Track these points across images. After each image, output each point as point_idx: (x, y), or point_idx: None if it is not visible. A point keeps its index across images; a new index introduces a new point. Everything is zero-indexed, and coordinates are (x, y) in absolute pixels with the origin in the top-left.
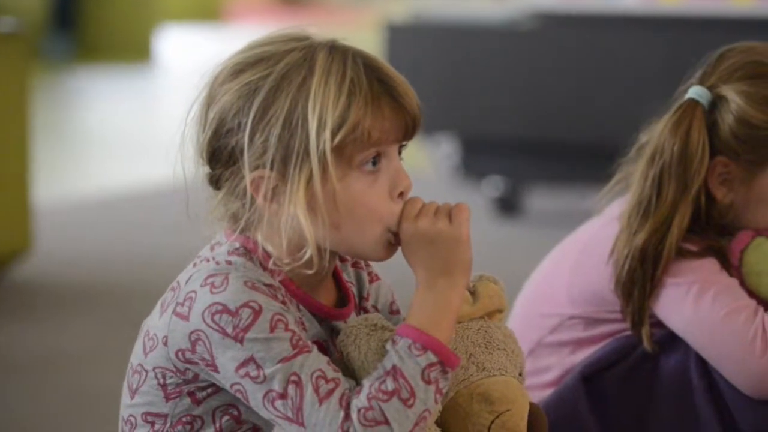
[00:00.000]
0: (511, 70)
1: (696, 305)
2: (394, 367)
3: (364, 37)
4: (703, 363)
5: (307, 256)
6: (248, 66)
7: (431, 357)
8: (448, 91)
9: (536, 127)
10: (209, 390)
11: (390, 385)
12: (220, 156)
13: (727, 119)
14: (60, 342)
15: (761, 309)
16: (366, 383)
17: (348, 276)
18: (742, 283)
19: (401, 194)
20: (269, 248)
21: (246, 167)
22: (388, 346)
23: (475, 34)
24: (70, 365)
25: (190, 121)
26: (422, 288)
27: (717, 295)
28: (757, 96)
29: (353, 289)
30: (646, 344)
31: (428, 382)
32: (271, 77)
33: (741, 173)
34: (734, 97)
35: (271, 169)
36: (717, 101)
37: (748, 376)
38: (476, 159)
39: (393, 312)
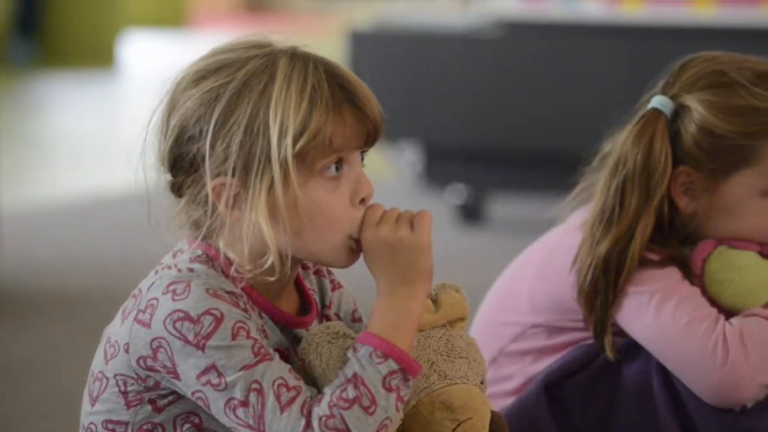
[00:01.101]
0: (474, 78)
1: (657, 314)
2: (355, 375)
3: (328, 44)
4: (664, 371)
5: (269, 263)
6: (209, 73)
7: (392, 365)
8: (411, 98)
9: (499, 135)
10: (170, 398)
11: (351, 392)
12: (182, 163)
13: (689, 128)
14: (24, 348)
15: (722, 318)
16: (327, 391)
17: (310, 283)
18: (704, 292)
19: (363, 201)
20: (231, 255)
21: (207, 174)
22: (350, 353)
23: (439, 42)
24: (34, 371)
25: (151, 129)
26: (383, 295)
27: (678, 304)
28: (720, 105)
29: (315, 297)
30: (609, 353)
31: (389, 390)
32: (233, 84)
33: (704, 182)
34: (697, 107)
35: (233, 176)
36: (680, 111)
37: (709, 385)
38: (439, 167)
39: (355, 320)
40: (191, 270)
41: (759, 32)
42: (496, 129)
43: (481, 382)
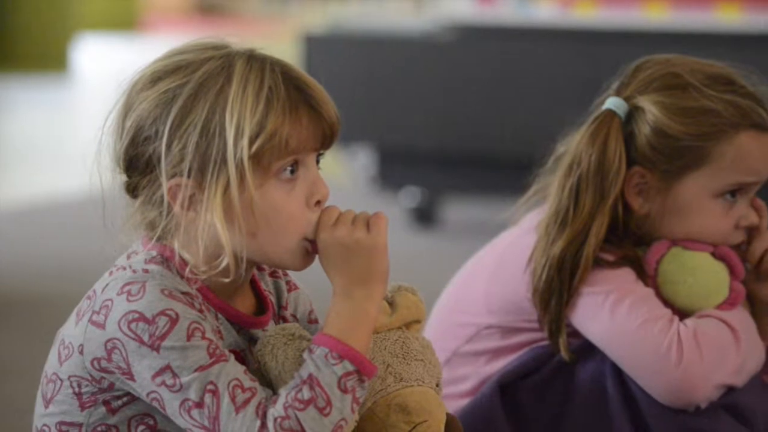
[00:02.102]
0: (428, 81)
1: (612, 315)
2: (310, 376)
3: (282, 47)
4: (618, 372)
5: (224, 264)
6: (166, 74)
7: (348, 366)
8: (365, 101)
9: (453, 138)
10: (125, 399)
11: (306, 394)
12: (138, 164)
13: (643, 130)
14: None
15: (676, 318)
16: (283, 392)
17: (266, 285)
18: (658, 293)
19: (318, 203)
20: (186, 256)
21: (163, 175)
22: (305, 355)
23: (393, 45)
24: None
25: (107, 130)
26: (339, 297)
27: (633, 304)
28: (673, 107)
29: (272, 298)
30: (563, 353)
31: (345, 391)
32: (189, 85)
33: (657, 183)
34: (651, 108)
35: (189, 177)
36: (634, 112)
37: (663, 385)
38: (393, 170)
39: (311, 321)
40: (146, 271)
41: (711, 36)
42: (450, 132)
43: (437, 385)
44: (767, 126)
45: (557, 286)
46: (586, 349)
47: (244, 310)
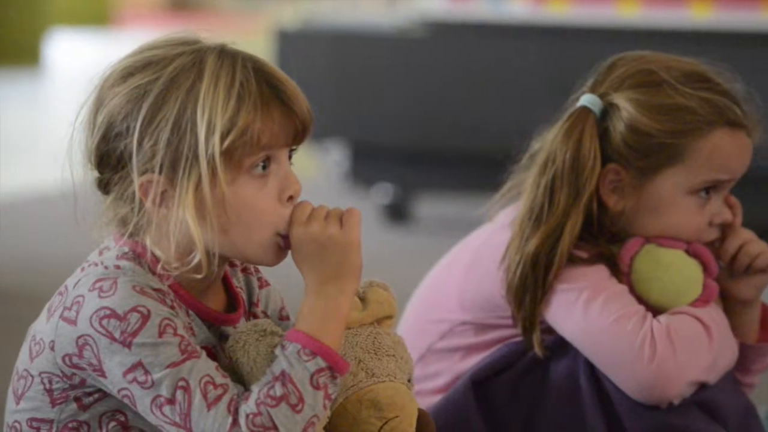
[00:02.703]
0: (401, 77)
1: (585, 311)
2: (282, 373)
3: (255, 42)
4: (591, 368)
5: (196, 260)
6: (137, 70)
7: (320, 362)
8: (338, 97)
9: (426, 135)
10: (96, 395)
11: (279, 390)
12: (109, 160)
13: (618, 127)
14: None
15: (650, 315)
16: (255, 389)
17: (238, 281)
18: (632, 290)
19: (291, 198)
20: (158, 252)
21: (135, 171)
22: (278, 351)
23: (366, 41)
24: None
25: (78, 126)
26: (312, 293)
27: (606, 301)
28: (648, 104)
29: (243, 295)
30: (537, 350)
31: (317, 388)
32: (160, 81)
33: (632, 180)
34: (625, 105)
35: (160, 173)
36: (608, 109)
37: (636, 382)
38: (366, 166)
39: (283, 318)
40: (118, 267)
41: (683, 33)
42: (422, 128)
43: (409, 380)
44: (742, 123)
45: (531, 282)
46: (560, 346)
47: (215, 307)
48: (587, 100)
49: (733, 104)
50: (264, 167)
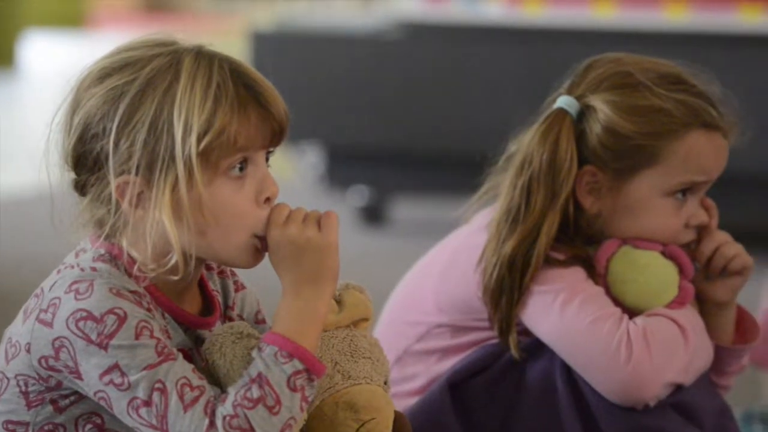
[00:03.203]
0: (376, 80)
1: (562, 313)
2: (259, 375)
3: (230, 44)
4: (568, 370)
5: (172, 262)
6: (114, 71)
7: (297, 365)
8: (313, 99)
9: (402, 137)
10: (72, 398)
11: (255, 392)
12: (86, 161)
13: (595, 129)
14: None
15: (626, 317)
16: (231, 391)
17: (214, 284)
18: (608, 292)
19: (268, 200)
20: (134, 254)
21: (111, 173)
22: (254, 353)
23: (341, 43)
24: None
25: (55, 127)
26: (289, 295)
27: (583, 303)
28: (625, 106)
29: (219, 298)
30: (514, 352)
31: (294, 390)
32: (137, 82)
33: (608, 182)
34: (602, 107)
35: (137, 174)
36: (585, 111)
37: (612, 384)
38: (341, 168)
39: (259, 321)
40: (94, 269)
41: (658, 35)
42: (398, 130)
43: (385, 383)
44: (718, 125)
45: (508, 284)
46: (537, 348)
47: (191, 310)
48: (564, 101)
49: (709, 106)
50: (241, 169)
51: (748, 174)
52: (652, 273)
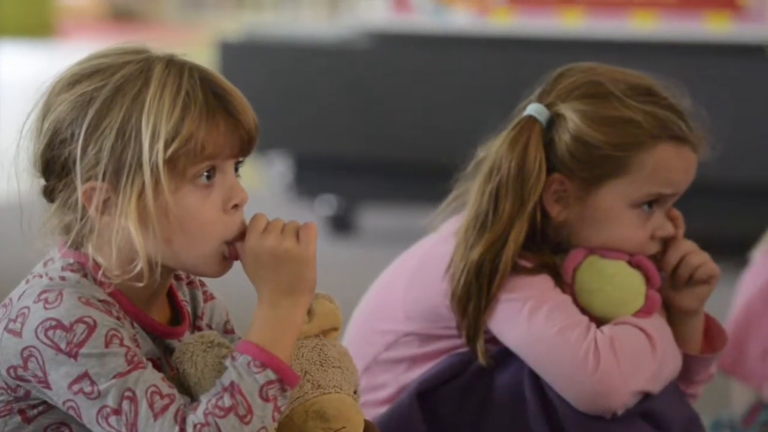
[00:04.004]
0: (344, 89)
1: (529, 321)
2: (232, 384)
3: (198, 54)
4: (536, 378)
5: (137, 269)
6: (84, 77)
7: (270, 374)
8: (281, 109)
9: (369, 146)
10: (40, 408)
11: (227, 401)
12: (54, 167)
13: (563, 137)
14: None
15: (593, 326)
16: (203, 399)
17: (183, 294)
18: (575, 301)
19: (236, 206)
20: (99, 259)
21: (78, 178)
22: (227, 362)
23: (309, 53)
24: None
25: (26, 133)
26: (265, 305)
27: (550, 311)
28: (594, 115)
29: (188, 308)
30: (481, 359)
31: (266, 400)
32: (107, 88)
33: (576, 191)
34: (571, 116)
35: (104, 180)
36: (555, 119)
37: (580, 393)
38: (309, 177)
39: (227, 331)
40: (63, 278)
41: (627, 43)
42: (366, 139)
43: (355, 392)
44: (686, 138)
45: (475, 291)
46: (505, 356)
47: (160, 319)
48: (534, 109)
49: (678, 119)
50: (209, 177)
51: (714, 181)
52: (618, 282)
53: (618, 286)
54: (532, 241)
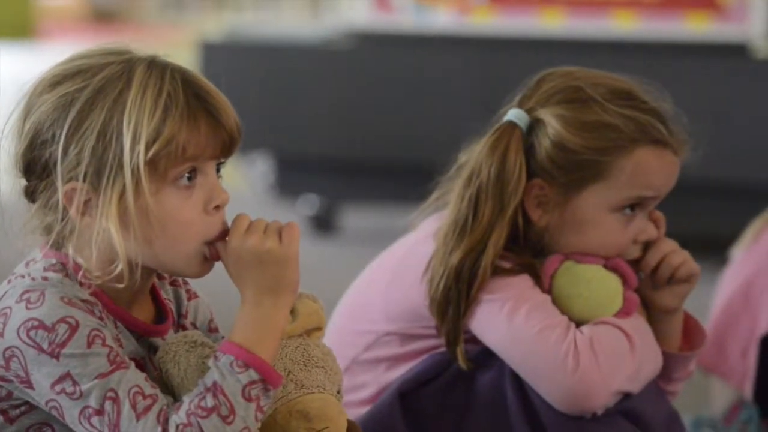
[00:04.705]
0: (326, 89)
1: (510, 322)
2: (214, 384)
3: (180, 54)
4: (517, 378)
5: (117, 270)
6: (66, 78)
7: (253, 374)
8: (263, 109)
9: (351, 146)
10: (23, 408)
11: (210, 401)
12: (35, 168)
13: (543, 142)
14: None
15: (573, 326)
16: (186, 399)
17: (166, 293)
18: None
19: (217, 207)
20: (79, 260)
21: (59, 179)
22: (210, 362)
23: (290, 53)
24: None
25: (7, 133)
26: (248, 305)
27: (530, 311)
28: (574, 120)
29: (171, 307)
30: (461, 363)
31: (249, 400)
32: (88, 89)
33: (556, 196)
34: (551, 121)
35: (84, 181)
36: (535, 124)
37: (560, 392)
38: (291, 177)
39: (211, 330)
40: (45, 279)
41: (607, 43)
42: (348, 139)
43: (338, 392)
44: (666, 142)
45: (455, 295)
46: (485, 356)
47: (143, 318)
48: (514, 114)
49: (659, 122)
50: (190, 179)
51: (694, 180)
52: (595, 286)
53: (595, 290)
54: (516, 245)
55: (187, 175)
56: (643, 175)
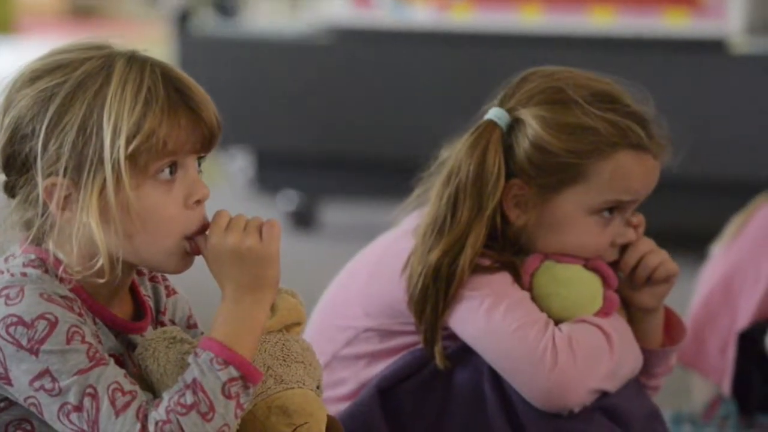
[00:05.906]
0: (306, 84)
1: (488, 318)
2: (194, 381)
3: (158, 49)
4: (495, 375)
5: (98, 265)
6: (45, 72)
7: (233, 372)
8: (242, 104)
9: (331, 142)
10: (2, 404)
11: (189, 398)
12: (15, 163)
13: (522, 143)
14: None
15: (552, 323)
16: (165, 396)
17: (145, 290)
18: None
19: (198, 201)
20: (60, 255)
21: (39, 174)
22: (190, 359)
23: (270, 48)
24: None
25: None
26: (228, 302)
27: (509, 308)
28: (553, 122)
29: (150, 303)
30: (439, 362)
31: (229, 397)
32: (68, 84)
33: (534, 197)
34: (531, 122)
35: (65, 176)
36: (515, 124)
37: (538, 389)
38: (271, 173)
39: (190, 326)
40: (24, 275)
41: (586, 39)
42: (327, 135)
43: (318, 387)
44: (646, 146)
45: (433, 294)
46: (465, 352)
47: (122, 314)
48: (494, 113)
49: (639, 127)
50: (170, 173)
51: (673, 177)
52: (575, 286)
53: (574, 291)
54: (495, 244)
55: (167, 169)
56: (621, 179)
